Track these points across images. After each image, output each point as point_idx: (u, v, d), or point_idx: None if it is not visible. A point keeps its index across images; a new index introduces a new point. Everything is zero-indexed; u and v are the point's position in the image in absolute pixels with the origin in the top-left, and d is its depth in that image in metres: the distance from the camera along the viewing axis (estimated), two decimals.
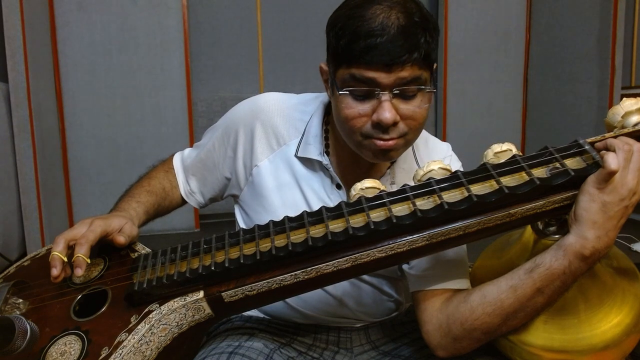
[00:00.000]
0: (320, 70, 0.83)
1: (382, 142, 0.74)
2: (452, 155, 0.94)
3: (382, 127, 0.73)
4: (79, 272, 0.71)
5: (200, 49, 3.47)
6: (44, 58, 2.81)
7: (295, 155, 0.88)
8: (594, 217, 0.63)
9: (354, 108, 0.74)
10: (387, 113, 0.71)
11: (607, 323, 0.70)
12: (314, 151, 0.86)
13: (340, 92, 0.73)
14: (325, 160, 0.85)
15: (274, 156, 0.89)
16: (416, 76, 0.72)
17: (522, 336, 0.73)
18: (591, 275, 0.73)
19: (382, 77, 0.70)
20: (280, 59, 3.66)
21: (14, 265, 0.85)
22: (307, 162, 0.88)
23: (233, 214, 0.98)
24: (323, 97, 0.91)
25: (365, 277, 0.90)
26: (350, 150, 0.86)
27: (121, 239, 0.78)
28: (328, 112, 0.89)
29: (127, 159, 3.19)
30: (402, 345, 0.93)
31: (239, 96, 3.56)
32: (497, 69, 3.94)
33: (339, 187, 0.87)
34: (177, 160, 1.01)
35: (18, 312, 0.74)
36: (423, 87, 0.73)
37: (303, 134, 0.88)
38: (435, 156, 0.91)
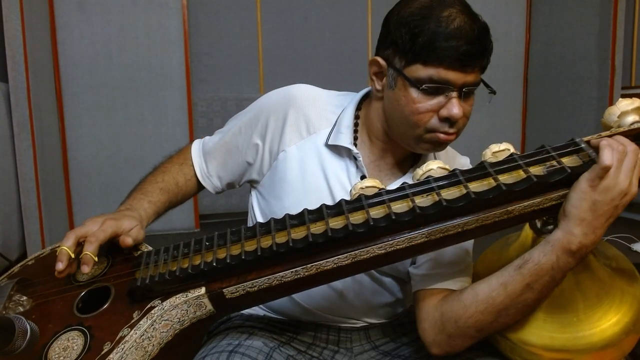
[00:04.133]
0: (373, 63, 0.84)
1: (445, 135, 0.80)
2: (469, 167, 0.95)
3: (449, 122, 0.79)
4: (86, 269, 0.72)
5: (200, 49, 3.47)
6: (44, 58, 2.81)
7: (325, 144, 0.89)
8: (582, 214, 0.64)
9: (424, 103, 0.78)
10: (457, 109, 0.77)
11: (606, 321, 0.71)
12: (346, 140, 0.87)
13: (421, 88, 0.77)
14: (354, 149, 0.87)
15: (303, 143, 0.90)
16: (478, 78, 0.80)
17: (522, 336, 0.74)
18: (589, 273, 0.74)
19: (458, 78, 0.76)
20: (280, 59, 3.67)
21: (19, 265, 0.86)
22: (335, 150, 0.89)
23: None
24: (353, 94, 0.94)
25: (368, 272, 0.90)
26: (379, 146, 0.89)
27: (129, 241, 0.78)
28: (359, 107, 0.92)
29: (127, 159, 3.19)
30: (402, 345, 0.94)
31: (239, 96, 3.56)
32: (497, 69, 3.94)
33: (363, 178, 0.88)
34: (195, 146, 1.01)
35: (22, 309, 0.74)
36: (489, 88, 0.84)
37: (335, 124, 0.90)
38: (454, 164, 0.94)
